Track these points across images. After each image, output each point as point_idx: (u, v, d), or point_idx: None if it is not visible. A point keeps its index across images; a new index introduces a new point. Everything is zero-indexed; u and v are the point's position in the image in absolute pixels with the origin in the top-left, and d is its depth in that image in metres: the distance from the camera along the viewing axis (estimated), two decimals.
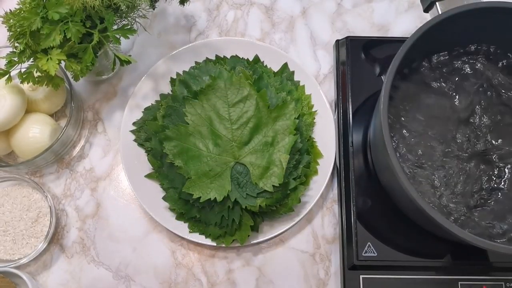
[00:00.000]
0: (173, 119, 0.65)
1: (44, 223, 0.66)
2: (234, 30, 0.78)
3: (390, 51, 0.57)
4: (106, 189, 0.70)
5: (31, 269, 0.66)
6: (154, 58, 0.74)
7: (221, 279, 0.66)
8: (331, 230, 0.68)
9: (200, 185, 0.62)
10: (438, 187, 0.57)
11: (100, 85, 0.74)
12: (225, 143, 0.63)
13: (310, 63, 0.76)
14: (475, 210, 0.56)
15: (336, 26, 0.78)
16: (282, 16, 0.78)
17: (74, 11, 0.56)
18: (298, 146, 0.64)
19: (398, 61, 0.52)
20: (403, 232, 0.63)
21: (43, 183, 0.70)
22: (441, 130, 0.59)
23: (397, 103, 0.60)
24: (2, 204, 0.66)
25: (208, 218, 0.63)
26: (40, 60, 0.57)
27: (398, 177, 0.49)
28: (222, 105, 0.64)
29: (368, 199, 0.65)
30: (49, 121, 0.67)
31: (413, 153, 0.58)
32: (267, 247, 0.67)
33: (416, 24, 0.77)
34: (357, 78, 0.70)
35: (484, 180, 0.58)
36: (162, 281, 0.66)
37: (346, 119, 0.68)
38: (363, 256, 0.61)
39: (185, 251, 0.67)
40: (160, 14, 0.78)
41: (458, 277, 0.61)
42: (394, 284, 0.61)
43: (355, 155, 0.66)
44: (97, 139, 0.72)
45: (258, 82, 0.67)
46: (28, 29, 0.55)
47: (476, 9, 0.54)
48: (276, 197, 0.62)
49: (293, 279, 0.66)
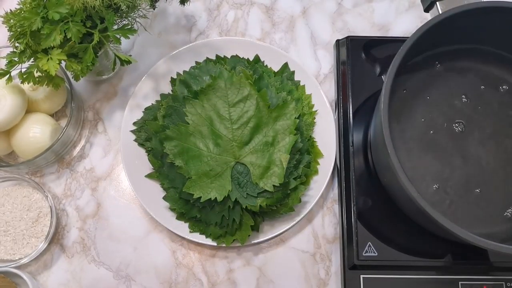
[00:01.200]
0: (174, 119, 0.65)
1: (44, 223, 0.66)
2: (234, 30, 0.78)
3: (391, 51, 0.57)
4: (106, 189, 0.70)
5: (31, 269, 0.66)
6: (154, 58, 0.74)
7: (221, 279, 0.66)
8: (332, 230, 0.68)
9: (200, 185, 0.62)
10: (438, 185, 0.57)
11: (101, 85, 0.74)
12: (225, 143, 0.63)
13: (311, 63, 0.76)
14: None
15: (336, 26, 0.78)
16: (283, 16, 0.78)
17: (74, 11, 0.56)
18: (299, 146, 0.64)
19: (399, 60, 0.52)
20: (403, 231, 0.63)
21: (44, 183, 0.70)
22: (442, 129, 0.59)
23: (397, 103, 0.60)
24: (3, 204, 0.66)
25: (209, 218, 0.63)
26: (41, 60, 0.57)
27: (398, 176, 0.49)
28: (223, 105, 0.64)
29: (368, 199, 0.65)
30: (49, 121, 0.67)
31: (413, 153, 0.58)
32: (267, 247, 0.67)
33: (416, 24, 0.77)
34: (358, 78, 0.70)
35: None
36: (163, 281, 0.66)
37: (346, 119, 0.68)
38: (363, 256, 0.61)
39: (185, 251, 0.67)
40: (161, 14, 0.78)
41: (458, 276, 0.61)
42: (394, 284, 0.61)
43: (355, 155, 0.66)
44: (98, 139, 0.72)
45: (259, 82, 0.67)
46: (29, 29, 0.55)
47: (477, 8, 0.54)
48: (276, 197, 0.62)
49: (294, 279, 0.66)
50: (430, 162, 0.59)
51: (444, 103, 0.61)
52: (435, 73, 0.62)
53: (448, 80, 0.61)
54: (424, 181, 0.58)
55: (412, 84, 0.61)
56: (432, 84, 0.61)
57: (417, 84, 0.61)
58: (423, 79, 0.61)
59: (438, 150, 0.59)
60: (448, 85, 0.61)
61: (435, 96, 0.61)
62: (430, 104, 0.61)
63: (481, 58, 0.62)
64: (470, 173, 0.58)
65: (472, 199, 0.58)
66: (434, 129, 0.60)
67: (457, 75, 0.62)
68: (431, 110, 0.60)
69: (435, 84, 0.61)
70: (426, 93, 0.61)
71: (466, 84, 0.61)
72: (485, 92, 0.61)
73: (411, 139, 0.59)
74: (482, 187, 0.58)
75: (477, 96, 0.61)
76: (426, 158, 0.59)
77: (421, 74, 0.62)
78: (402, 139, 0.59)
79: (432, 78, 0.61)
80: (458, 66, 0.62)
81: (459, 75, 0.62)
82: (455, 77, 0.62)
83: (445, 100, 0.61)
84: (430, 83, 0.61)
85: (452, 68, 0.62)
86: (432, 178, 0.58)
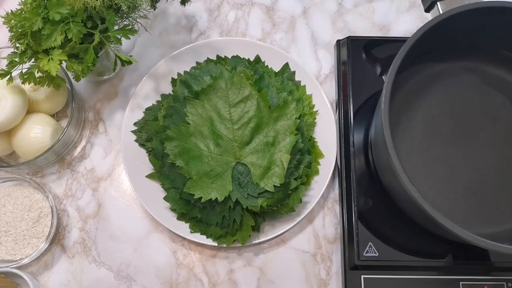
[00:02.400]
0: (174, 119, 0.65)
1: (45, 223, 0.66)
2: (235, 30, 0.78)
3: (391, 51, 0.58)
4: (107, 189, 0.70)
5: (32, 269, 0.66)
6: (155, 58, 0.74)
7: (222, 279, 0.66)
8: (332, 230, 0.68)
9: (201, 185, 0.62)
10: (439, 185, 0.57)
11: (101, 86, 0.74)
12: (226, 143, 0.63)
13: (311, 63, 0.76)
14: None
15: (337, 26, 0.78)
16: (283, 16, 0.78)
17: (75, 11, 0.56)
18: (299, 146, 0.64)
19: (399, 61, 0.52)
20: (404, 232, 0.63)
21: (45, 183, 0.70)
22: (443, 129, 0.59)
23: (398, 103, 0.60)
24: (4, 205, 0.66)
25: (209, 218, 0.63)
26: (41, 60, 0.57)
27: (399, 177, 0.49)
28: (223, 105, 0.64)
29: (369, 199, 0.65)
30: (50, 121, 0.67)
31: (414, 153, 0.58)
32: (268, 247, 0.67)
33: (417, 24, 0.77)
34: (358, 78, 0.69)
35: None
36: (164, 281, 0.66)
37: (347, 119, 0.68)
38: (364, 256, 0.61)
39: (186, 251, 0.67)
40: (161, 14, 0.78)
41: (459, 277, 0.61)
42: (395, 284, 0.61)
43: (356, 155, 0.66)
44: (98, 139, 0.72)
45: (259, 82, 0.67)
46: (29, 29, 0.55)
47: (477, 9, 0.54)
48: (277, 197, 0.62)
49: (295, 279, 0.66)
50: (431, 162, 0.59)
51: (445, 104, 0.61)
52: (436, 73, 0.62)
53: (449, 80, 0.61)
54: (425, 181, 0.58)
55: (413, 84, 0.61)
56: (433, 84, 0.61)
57: (418, 84, 0.61)
58: (424, 79, 0.61)
59: (439, 150, 0.59)
60: (449, 85, 0.61)
61: (436, 97, 0.61)
62: (431, 105, 0.61)
63: (482, 58, 0.62)
64: (472, 173, 0.58)
65: (473, 199, 0.58)
66: (435, 129, 0.60)
67: (458, 75, 0.62)
68: (432, 110, 0.60)
69: (436, 85, 0.61)
70: (427, 93, 0.61)
71: (467, 84, 0.61)
72: (487, 92, 0.61)
73: (412, 139, 0.59)
74: (484, 187, 0.58)
75: (479, 96, 0.60)
76: (427, 158, 0.59)
77: (422, 75, 0.62)
78: (403, 139, 0.59)
79: (433, 79, 0.61)
80: (459, 66, 0.62)
81: (460, 75, 0.62)
82: (456, 77, 0.62)
83: (446, 101, 0.61)
84: (431, 83, 0.61)
85: (453, 68, 0.62)
86: (433, 178, 0.58)
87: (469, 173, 0.58)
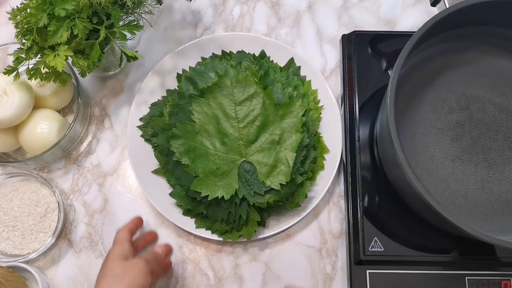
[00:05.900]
0: (180, 117, 0.65)
1: (52, 218, 0.66)
2: (240, 25, 0.77)
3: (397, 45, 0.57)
4: (113, 184, 0.70)
5: (39, 263, 0.67)
6: (160, 54, 0.74)
7: (228, 274, 0.66)
8: (338, 225, 0.68)
9: (207, 183, 0.62)
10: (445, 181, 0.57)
11: (107, 81, 0.74)
12: (232, 141, 0.63)
13: (317, 58, 0.75)
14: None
15: (342, 20, 0.77)
16: (288, 11, 0.78)
17: (80, 7, 0.56)
18: (305, 142, 0.64)
19: (405, 55, 0.52)
20: (409, 227, 0.63)
21: (51, 178, 0.70)
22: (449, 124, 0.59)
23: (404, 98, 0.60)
24: (11, 200, 0.67)
25: (215, 215, 0.64)
26: (48, 56, 0.57)
27: (405, 172, 0.49)
28: (229, 103, 0.64)
29: (374, 194, 0.65)
30: (56, 117, 0.68)
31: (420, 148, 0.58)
32: (273, 242, 0.67)
33: (423, 18, 0.77)
34: (364, 72, 0.69)
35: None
36: (170, 276, 0.66)
37: (352, 114, 0.68)
38: (369, 251, 0.61)
39: (192, 246, 0.67)
40: (166, 10, 0.78)
41: (465, 272, 0.61)
42: (400, 279, 0.61)
43: (361, 150, 0.66)
44: (104, 135, 0.72)
45: (265, 78, 0.67)
46: (35, 25, 0.55)
47: (483, 2, 0.54)
48: (283, 193, 0.62)
49: (300, 274, 0.66)
50: (437, 157, 0.58)
51: (452, 98, 0.60)
52: (442, 67, 0.61)
53: (455, 74, 0.61)
54: (431, 176, 0.58)
55: (419, 79, 0.61)
56: (439, 78, 0.61)
57: (424, 78, 0.61)
58: (430, 74, 0.61)
59: (446, 145, 0.58)
60: (455, 79, 0.61)
61: (442, 91, 0.61)
62: (437, 99, 0.60)
63: (488, 52, 0.61)
64: (478, 168, 0.58)
65: (480, 193, 0.57)
66: (441, 124, 0.59)
67: (465, 69, 0.61)
68: (438, 104, 0.60)
69: (442, 79, 0.61)
70: (433, 87, 0.61)
71: (474, 78, 0.61)
72: (494, 86, 0.60)
73: (418, 134, 0.59)
74: (492, 182, 0.57)
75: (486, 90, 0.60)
76: (433, 153, 0.59)
77: (428, 69, 0.61)
78: (409, 134, 0.59)
79: (439, 73, 0.61)
80: (466, 60, 0.62)
81: (467, 69, 0.61)
82: (463, 71, 0.61)
83: (453, 95, 0.60)
84: (437, 77, 0.61)
85: (460, 62, 0.61)
86: (439, 173, 0.58)
87: (476, 168, 0.58)
